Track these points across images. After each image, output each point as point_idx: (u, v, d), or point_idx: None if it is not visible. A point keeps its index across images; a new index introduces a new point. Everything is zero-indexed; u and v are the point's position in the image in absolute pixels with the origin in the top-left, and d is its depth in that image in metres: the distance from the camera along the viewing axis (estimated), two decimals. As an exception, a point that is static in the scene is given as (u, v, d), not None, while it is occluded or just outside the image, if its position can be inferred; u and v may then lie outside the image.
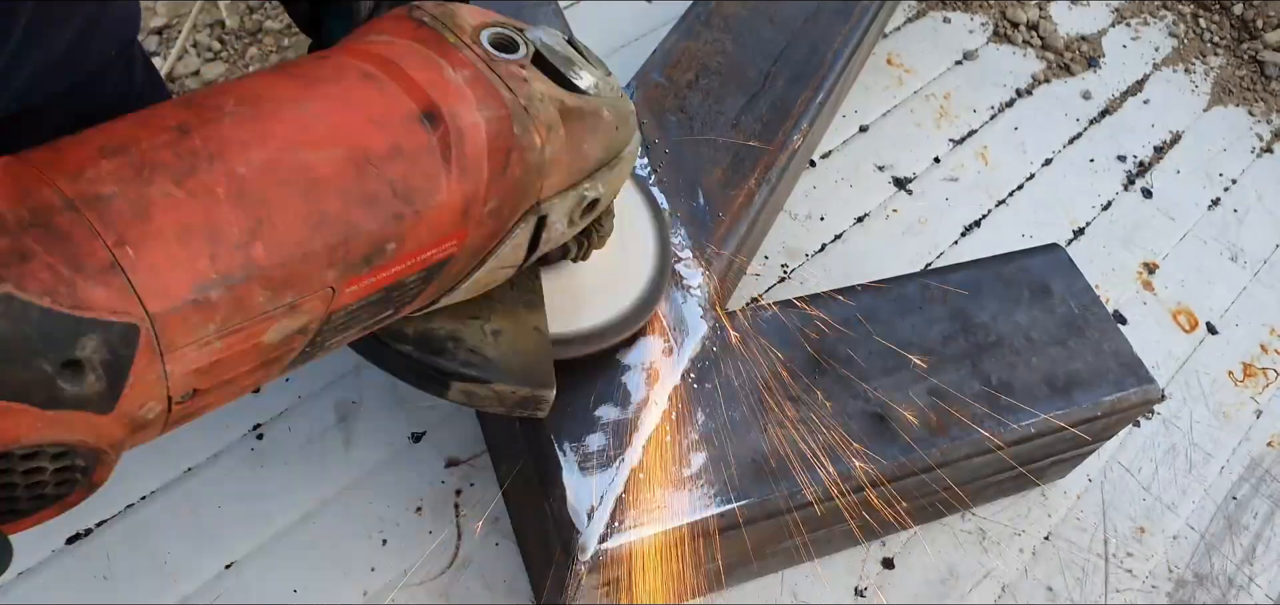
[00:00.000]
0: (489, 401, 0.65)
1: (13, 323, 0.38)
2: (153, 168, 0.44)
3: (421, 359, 0.62)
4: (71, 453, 0.42)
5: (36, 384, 0.39)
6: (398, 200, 0.50)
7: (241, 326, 0.45)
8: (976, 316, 0.90)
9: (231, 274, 0.44)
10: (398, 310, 0.56)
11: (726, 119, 1.00)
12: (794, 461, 0.78)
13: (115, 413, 0.42)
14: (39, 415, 0.40)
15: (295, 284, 0.47)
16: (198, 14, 1.26)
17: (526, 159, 0.56)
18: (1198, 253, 1.28)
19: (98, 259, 0.41)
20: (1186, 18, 1.60)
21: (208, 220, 0.44)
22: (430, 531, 0.86)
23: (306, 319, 0.49)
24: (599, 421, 0.75)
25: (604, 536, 0.71)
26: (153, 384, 0.43)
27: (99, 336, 0.40)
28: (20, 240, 0.40)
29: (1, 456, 0.40)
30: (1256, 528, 1.04)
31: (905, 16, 1.47)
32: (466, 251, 0.56)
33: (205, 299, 0.43)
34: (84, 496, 0.46)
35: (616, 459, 0.74)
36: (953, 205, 1.25)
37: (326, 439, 0.90)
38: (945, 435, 0.82)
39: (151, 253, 0.42)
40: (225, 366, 0.46)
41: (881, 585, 0.92)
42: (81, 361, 0.40)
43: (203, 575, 0.81)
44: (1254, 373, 1.17)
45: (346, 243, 0.48)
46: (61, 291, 0.39)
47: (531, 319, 0.68)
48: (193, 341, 0.44)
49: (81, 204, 0.41)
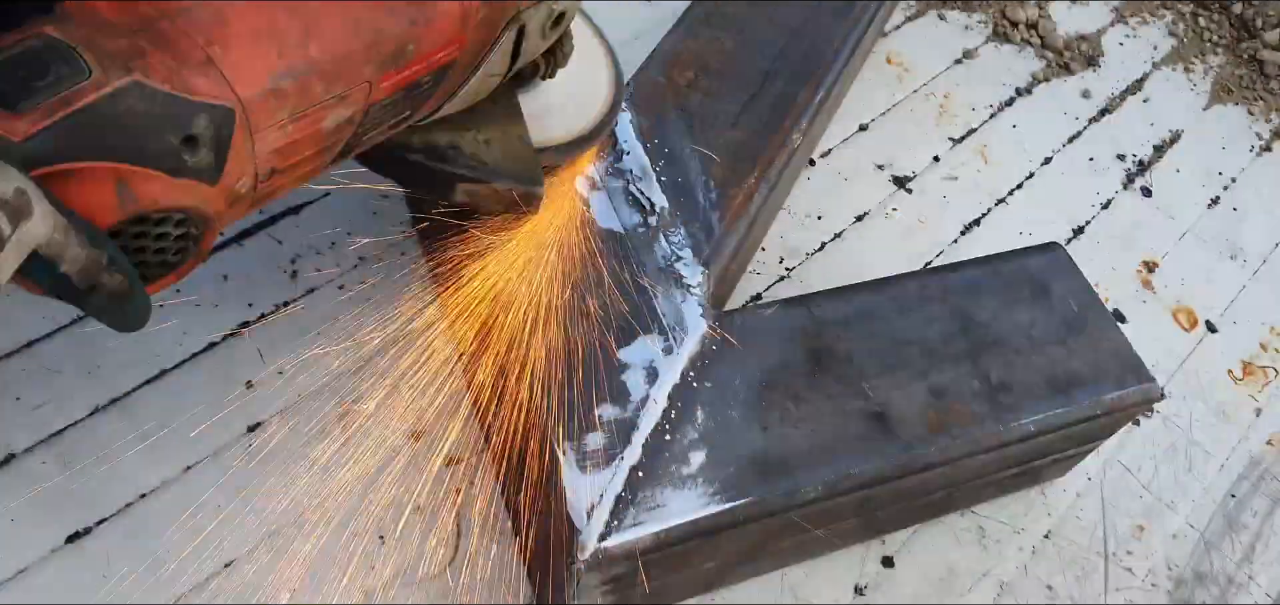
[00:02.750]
0: (489, 199, 0.77)
1: (145, 102, 0.48)
2: None
3: (429, 165, 0.73)
4: (189, 219, 0.52)
5: (166, 154, 0.49)
6: (411, 6, 0.60)
7: (306, 112, 0.55)
8: (976, 315, 0.89)
9: (295, 67, 0.54)
10: (414, 111, 0.65)
11: (726, 118, 1.00)
12: (793, 460, 0.78)
13: (220, 184, 0.52)
14: (169, 181, 0.49)
15: (343, 77, 0.57)
16: None
17: None
18: (1197, 251, 1.28)
19: (196, 56, 0.50)
20: (1186, 17, 1.60)
21: (271, 24, 0.53)
22: (429, 530, 0.86)
23: (352, 109, 0.59)
24: (598, 420, 0.75)
25: (603, 535, 0.71)
26: (245, 160, 0.53)
27: (207, 116, 0.50)
28: (136, 41, 0.49)
29: (141, 220, 0.50)
30: (1256, 526, 1.04)
31: (905, 15, 1.47)
32: (465, 56, 0.65)
33: (278, 88, 0.53)
34: (195, 265, 0.55)
35: (616, 458, 0.74)
36: (952, 204, 1.25)
37: (325, 438, 0.90)
38: (945, 434, 0.82)
39: (234, 50, 0.51)
40: (295, 149, 0.56)
41: (881, 583, 0.92)
42: (196, 137, 0.50)
43: (201, 574, 0.81)
44: (1253, 371, 1.17)
45: (378, 43, 0.58)
46: (175, 79, 0.49)
47: (515, 129, 0.79)
48: (272, 123, 0.53)
49: (172, 13, 0.50)
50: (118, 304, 0.50)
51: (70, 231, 0.45)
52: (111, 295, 0.49)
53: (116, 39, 0.48)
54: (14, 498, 0.82)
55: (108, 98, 0.46)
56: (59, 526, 0.82)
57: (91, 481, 0.84)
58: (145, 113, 0.48)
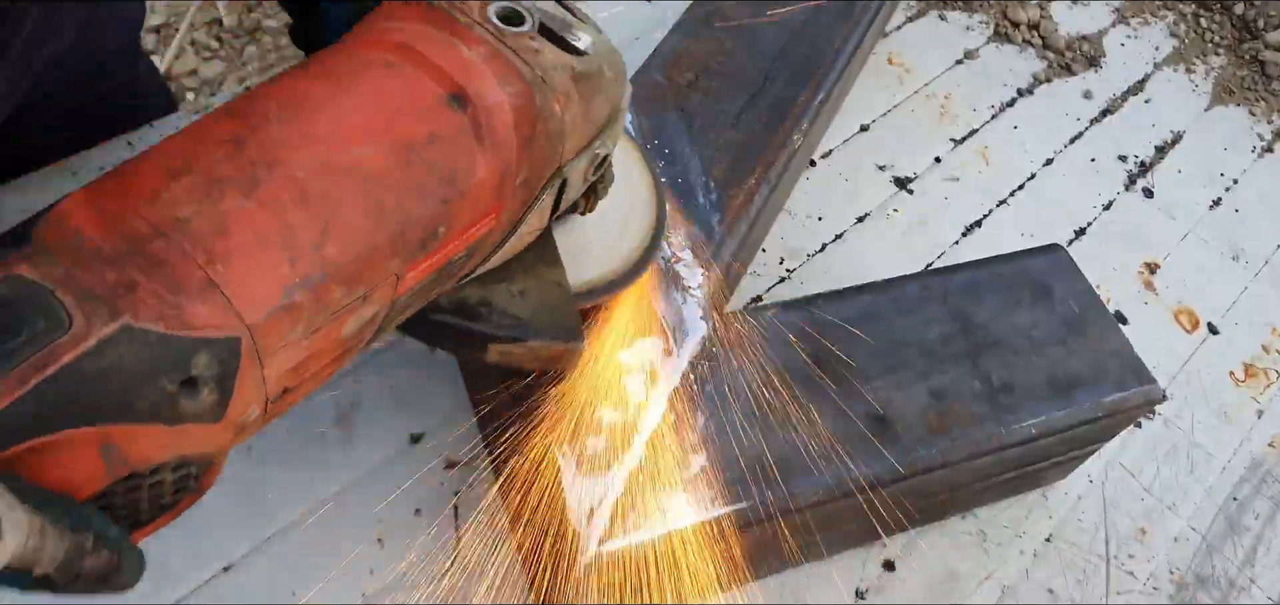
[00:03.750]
0: (524, 359, 0.68)
1: (136, 350, 0.40)
2: (220, 183, 0.45)
3: (460, 325, 0.65)
4: (189, 463, 0.45)
5: (162, 404, 0.42)
6: (443, 184, 0.52)
7: (324, 324, 0.48)
8: (977, 316, 0.89)
9: (311, 275, 0.46)
10: (444, 286, 0.59)
11: (726, 119, 0.99)
12: (794, 463, 0.77)
13: (225, 421, 0.45)
14: (165, 433, 0.42)
15: (366, 277, 0.49)
16: (196, 12, 1.25)
17: (549, 129, 0.58)
18: (1199, 253, 1.28)
19: (195, 279, 0.43)
20: (1187, 17, 1.59)
21: (281, 227, 0.46)
22: (429, 533, 0.86)
23: (377, 308, 0.51)
24: (598, 423, 0.75)
25: (604, 538, 0.71)
26: (254, 389, 0.46)
27: (208, 353, 0.43)
28: (124, 271, 0.42)
29: (133, 475, 0.42)
30: (1258, 529, 1.04)
31: (905, 16, 1.46)
32: (501, 224, 0.59)
33: (292, 303, 0.46)
34: (195, 500, 0.49)
35: (616, 461, 0.74)
36: (953, 205, 1.25)
37: (325, 440, 0.90)
38: (945, 436, 0.81)
39: (239, 266, 0.44)
40: (310, 363, 0.49)
41: (882, 586, 0.92)
42: (196, 379, 0.43)
43: (200, 576, 0.81)
44: (1255, 373, 1.17)
45: (405, 231, 0.50)
46: (171, 315, 0.42)
47: (552, 275, 0.70)
48: (284, 344, 0.46)
49: (167, 228, 0.43)
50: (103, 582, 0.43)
51: (46, 531, 0.38)
52: (97, 576, 0.42)
53: (102, 272, 0.41)
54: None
55: (91, 352, 0.39)
56: (57, 529, 0.82)
57: (90, 484, 0.84)
58: (136, 363, 0.40)
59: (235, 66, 1.19)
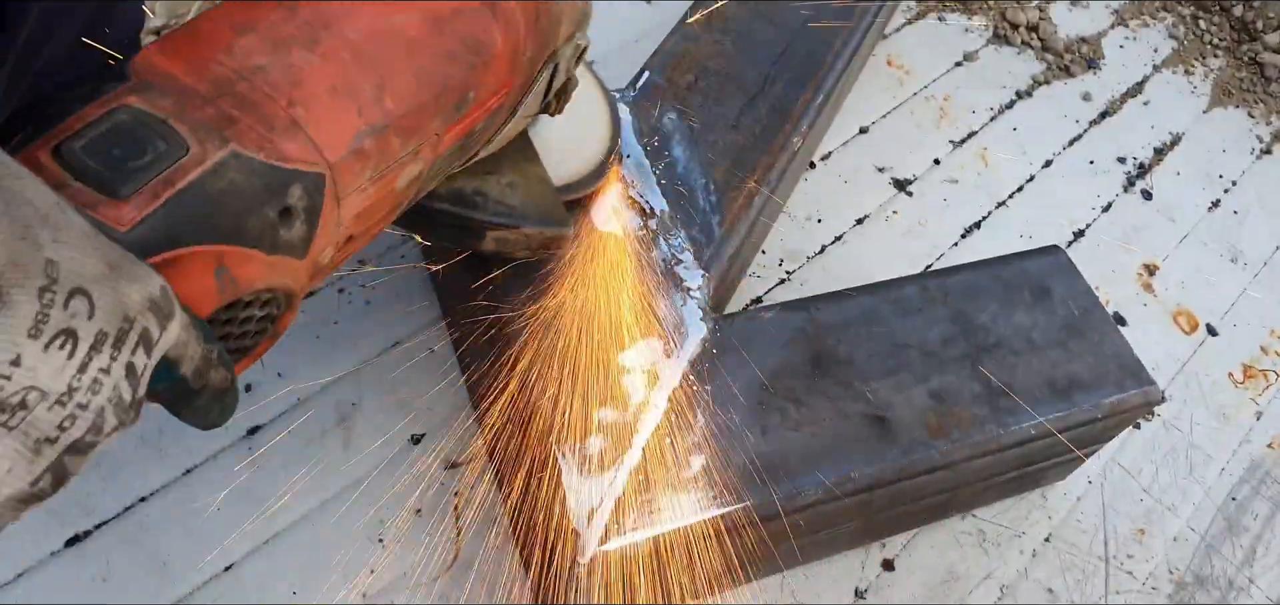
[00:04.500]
0: (518, 244, 0.74)
1: (244, 176, 0.43)
2: (285, 40, 0.49)
3: (458, 213, 0.70)
4: (274, 298, 0.47)
5: (264, 231, 0.44)
6: (470, 52, 0.57)
7: (386, 172, 0.52)
8: (976, 318, 0.89)
9: (376, 124, 0.50)
10: (465, 157, 0.63)
11: (726, 120, 1.00)
12: (794, 463, 0.77)
13: (307, 257, 0.48)
14: (265, 261, 0.45)
15: (417, 131, 0.53)
16: (195, 13, 1.25)
17: (550, 11, 0.64)
18: (1198, 254, 1.28)
19: (282, 118, 0.46)
20: (1186, 19, 1.60)
21: (345, 80, 0.49)
22: (429, 534, 0.86)
23: (422, 164, 0.55)
24: (599, 424, 0.75)
25: (604, 539, 0.71)
26: (332, 227, 0.49)
27: (301, 185, 0.46)
28: (221, 107, 0.44)
29: (232, 305, 0.44)
30: (1257, 529, 1.04)
31: (905, 18, 1.47)
32: (511, 98, 0.64)
33: (361, 148, 0.49)
34: (270, 344, 0.50)
35: (616, 461, 0.74)
36: (952, 207, 1.25)
37: (325, 441, 0.90)
38: (945, 437, 0.82)
39: (316, 110, 0.48)
40: (372, 211, 0.53)
41: (881, 587, 0.92)
42: (291, 209, 0.46)
43: (201, 576, 0.81)
44: (1254, 374, 1.17)
45: (445, 93, 0.55)
46: (268, 147, 0.45)
47: (535, 170, 0.76)
48: (356, 187, 0.50)
49: (248, 74, 0.46)
50: (218, 401, 0.45)
51: (191, 331, 0.41)
52: (214, 393, 0.44)
53: (203, 106, 0.44)
54: (14, 500, 0.82)
55: (209, 173, 0.42)
56: (58, 529, 0.82)
57: (91, 484, 0.84)
58: (245, 186, 0.43)
59: None
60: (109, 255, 0.36)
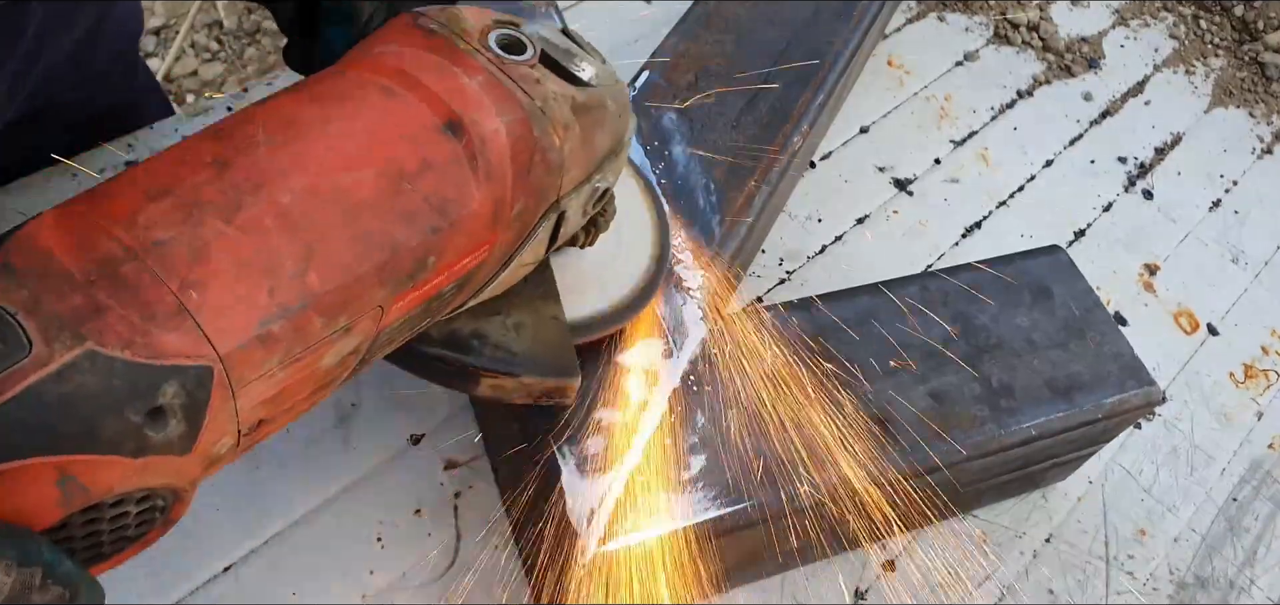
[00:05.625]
0: (516, 393, 0.66)
1: (100, 378, 0.39)
2: (200, 207, 0.44)
3: (451, 358, 0.63)
4: (154, 495, 0.43)
5: (126, 435, 0.40)
6: (434, 214, 0.50)
7: (302, 355, 0.46)
8: (977, 318, 0.89)
9: (290, 305, 0.45)
10: (434, 319, 0.56)
11: (726, 120, 1.00)
12: (794, 464, 0.77)
13: (194, 452, 0.43)
14: (128, 464, 0.40)
15: (348, 307, 0.47)
16: (196, 15, 1.25)
17: (547, 160, 0.57)
18: (1199, 254, 1.28)
19: (166, 305, 0.41)
20: (1187, 19, 1.59)
21: (262, 254, 0.44)
22: (429, 534, 0.86)
23: (359, 339, 0.49)
24: (598, 424, 0.75)
25: (603, 539, 0.71)
26: (226, 421, 0.44)
27: (177, 382, 0.41)
28: (92, 295, 0.40)
29: (93, 507, 0.40)
30: (1258, 530, 1.04)
31: (905, 17, 1.46)
32: (495, 256, 0.57)
33: (268, 333, 0.44)
34: (162, 533, 0.47)
35: (616, 462, 0.74)
36: (953, 206, 1.25)
37: (325, 441, 0.90)
38: (945, 437, 0.81)
39: (214, 294, 0.43)
40: (288, 395, 0.47)
41: (882, 587, 0.92)
42: (164, 408, 0.41)
43: (200, 577, 0.81)
44: (1255, 374, 1.17)
45: (392, 261, 0.49)
46: (139, 342, 0.40)
47: (548, 309, 0.68)
48: (259, 375, 0.44)
49: (141, 252, 0.42)
50: None
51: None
52: None
53: (68, 295, 0.40)
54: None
55: (51, 378, 0.38)
56: (58, 530, 0.82)
57: (90, 484, 0.84)
58: (98, 389, 0.39)
59: (235, 69, 1.19)
60: None
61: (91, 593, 0.41)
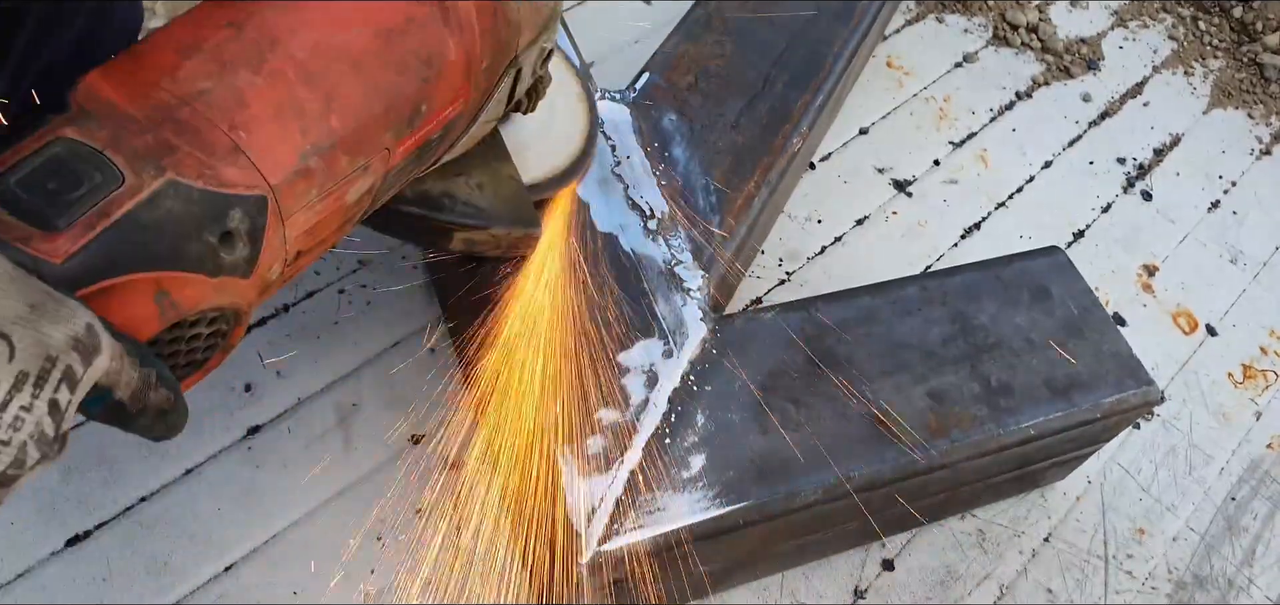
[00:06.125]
0: (487, 245, 0.74)
1: (182, 204, 0.44)
2: (230, 61, 0.49)
3: (425, 215, 0.69)
4: (222, 316, 0.48)
5: (206, 255, 0.46)
6: (422, 65, 0.57)
7: (332, 189, 0.52)
8: (976, 318, 0.90)
9: (320, 143, 0.51)
10: (422, 167, 0.63)
11: (726, 121, 1.00)
12: (794, 463, 0.78)
13: (254, 275, 0.49)
14: (208, 283, 0.46)
15: (365, 147, 0.54)
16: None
17: (508, 17, 0.64)
18: (1197, 255, 1.28)
19: (223, 143, 0.47)
20: (1186, 20, 1.60)
21: (291, 99, 0.50)
22: (429, 534, 0.86)
23: (373, 178, 0.56)
24: (599, 424, 0.75)
25: (604, 538, 0.71)
26: (277, 247, 0.50)
27: (241, 209, 0.47)
28: (161, 135, 0.45)
29: (178, 325, 0.46)
30: (1256, 529, 1.04)
31: (905, 19, 1.47)
32: (469, 108, 0.64)
33: (305, 168, 0.50)
34: (223, 358, 0.51)
35: (616, 461, 0.74)
36: (952, 207, 1.25)
37: (326, 441, 0.90)
38: (945, 437, 0.82)
39: (259, 133, 0.48)
40: (321, 227, 0.53)
41: (881, 586, 0.92)
42: (232, 232, 0.47)
43: (202, 576, 0.81)
44: (1253, 374, 1.17)
45: (394, 107, 0.55)
46: (207, 174, 0.46)
47: (505, 169, 0.76)
48: (301, 206, 0.50)
49: (190, 99, 0.47)
50: (161, 419, 0.46)
51: (125, 358, 0.42)
52: (156, 412, 0.46)
53: (141, 134, 0.45)
54: (14, 501, 0.82)
55: (145, 203, 0.43)
56: (59, 530, 0.82)
57: (91, 485, 0.84)
58: (182, 214, 0.44)
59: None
60: (32, 296, 0.38)
61: (184, 404, 0.48)
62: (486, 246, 0.73)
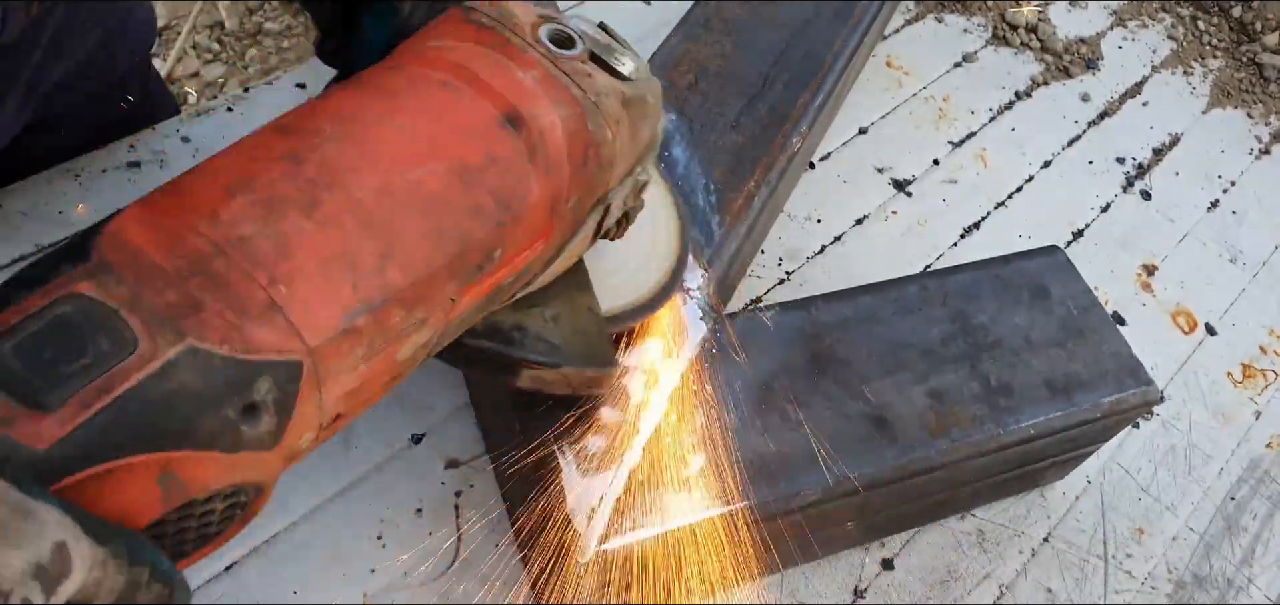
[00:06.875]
0: (556, 384, 0.68)
1: (200, 374, 0.39)
2: (280, 202, 0.44)
3: (494, 349, 0.64)
4: (241, 490, 0.43)
5: (223, 431, 0.40)
6: (499, 207, 0.51)
7: (382, 348, 0.46)
8: (975, 318, 0.90)
9: (372, 300, 0.45)
10: (491, 310, 0.57)
11: (726, 121, 1.00)
12: (794, 463, 0.78)
13: (280, 447, 0.43)
14: (223, 460, 0.41)
15: (425, 301, 0.48)
16: (197, 16, 1.26)
17: (601, 154, 0.58)
18: (1197, 254, 1.28)
19: (258, 301, 0.41)
20: (1185, 20, 1.60)
21: (344, 249, 0.45)
22: (430, 533, 0.86)
23: (432, 332, 0.50)
24: (599, 423, 0.75)
25: (604, 538, 0.71)
26: (311, 415, 0.44)
27: (270, 377, 0.41)
28: (186, 290, 0.40)
29: (187, 504, 0.40)
30: (1255, 529, 1.04)
31: (904, 18, 1.47)
32: (550, 248, 0.58)
33: (353, 327, 0.44)
34: (241, 529, 0.46)
35: (616, 461, 0.74)
36: (952, 207, 1.25)
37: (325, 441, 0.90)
38: (944, 437, 0.82)
39: (302, 288, 0.43)
40: (366, 387, 0.47)
41: (881, 586, 0.92)
42: (257, 404, 0.41)
43: (202, 576, 0.81)
44: (1253, 374, 1.18)
45: (463, 255, 0.49)
46: (235, 338, 0.40)
47: (584, 300, 0.70)
48: (344, 368, 0.45)
49: (228, 247, 0.42)
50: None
51: (108, 564, 0.36)
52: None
53: (165, 290, 0.40)
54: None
55: (155, 375, 0.38)
56: (59, 529, 0.82)
57: (92, 484, 0.84)
58: (199, 386, 0.39)
59: (236, 69, 1.19)
60: None
61: (182, 593, 0.42)
62: (556, 386, 0.68)
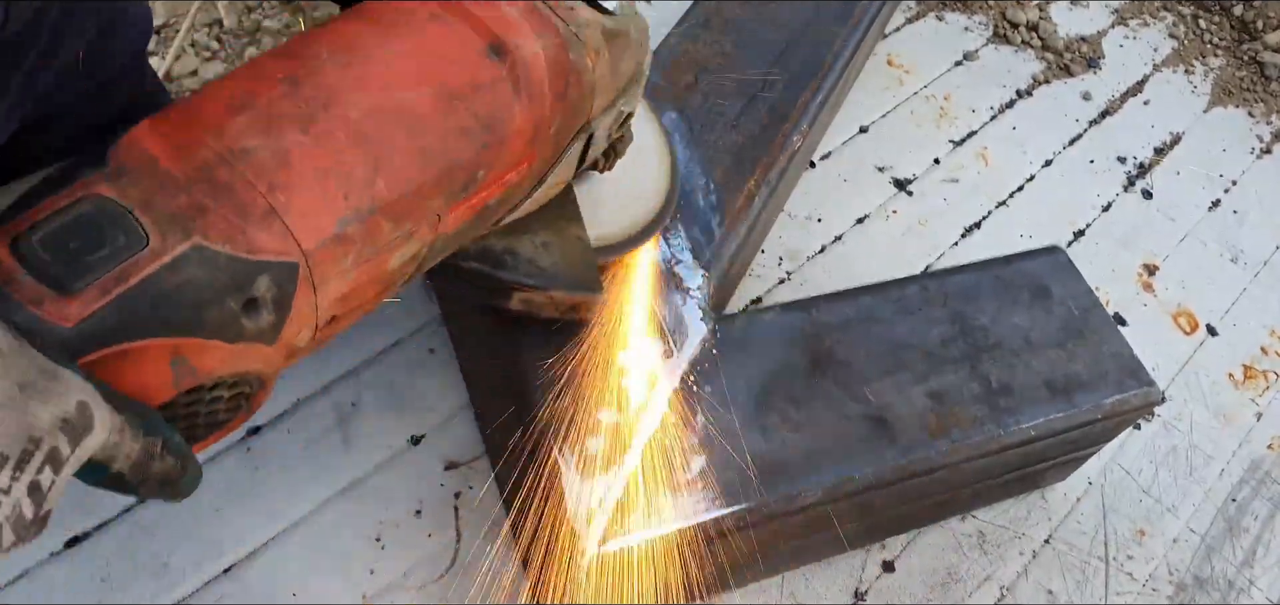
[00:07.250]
0: (545, 307, 0.72)
1: (205, 269, 0.44)
2: (279, 119, 0.49)
3: (484, 271, 0.68)
4: (244, 381, 0.48)
5: (227, 322, 0.45)
6: (483, 130, 0.55)
7: (372, 256, 0.51)
8: (976, 318, 0.89)
9: (362, 209, 0.50)
10: (479, 232, 0.61)
11: (726, 120, 1.00)
12: (794, 463, 0.77)
13: (279, 342, 0.48)
14: (228, 349, 0.45)
15: (412, 214, 0.52)
16: (196, 13, 1.25)
17: (581, 82, 0.62)
18: (1198, 254, 1.28)
19: (258, 206, 0.46)
20: (1186, 19, 1.60)
21: (337, 162, 0.49)
22: (429, 534, 0.86)
23: (419, 245, 0.54)
24: (599, 425, 0.75)
25: (604, 539, 0.71)
26: (307, 314, 0.49)
27: (269, 276, 0.46)
28: (194, 195, 0.45)
29: (195, 389, 0.45)
30: (1257, 530, 1.04)
31: (905, 17, 1.46)
32: (533, 172, 0.62)
33: (344, 234, 0.49)
34: (246, 419, 0.51)
35: (616, 462, 0.74)
36: (952, 206, 1.25)
37: (325, 441, 0.90)
38: (945, 438, 0.82)
39: (298, 196, 0.47)
40: (357, 293, 0.52)
41: (881, 587, 0.92)
42: (257, 299, 0.46)
43: (201, 577, 0.81)
44: (1254, 375, 1.17)
45: (448, 173, 0.54)
46: (237, 238, 0.45)
47: (573, 229, 0.73)
48: (336, 272, 0.49)
49: (232, 158, 0.46)
50: (166, 487, 0.46)
51: (126, 430, 0.41)
52: (163, 480, 0.45)
53: (175, 195, 0.44)
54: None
55: (166, 267, 0.42)
56: (59, 530, 0.82)
57: (91, 485, 0.84)
58: (205, 280, 0.44)
59: (235, 67, 1.19)
60: (23, 373, 0.37)
61: (194, 469, 0.47)
62: (545, 308, 0.72)
